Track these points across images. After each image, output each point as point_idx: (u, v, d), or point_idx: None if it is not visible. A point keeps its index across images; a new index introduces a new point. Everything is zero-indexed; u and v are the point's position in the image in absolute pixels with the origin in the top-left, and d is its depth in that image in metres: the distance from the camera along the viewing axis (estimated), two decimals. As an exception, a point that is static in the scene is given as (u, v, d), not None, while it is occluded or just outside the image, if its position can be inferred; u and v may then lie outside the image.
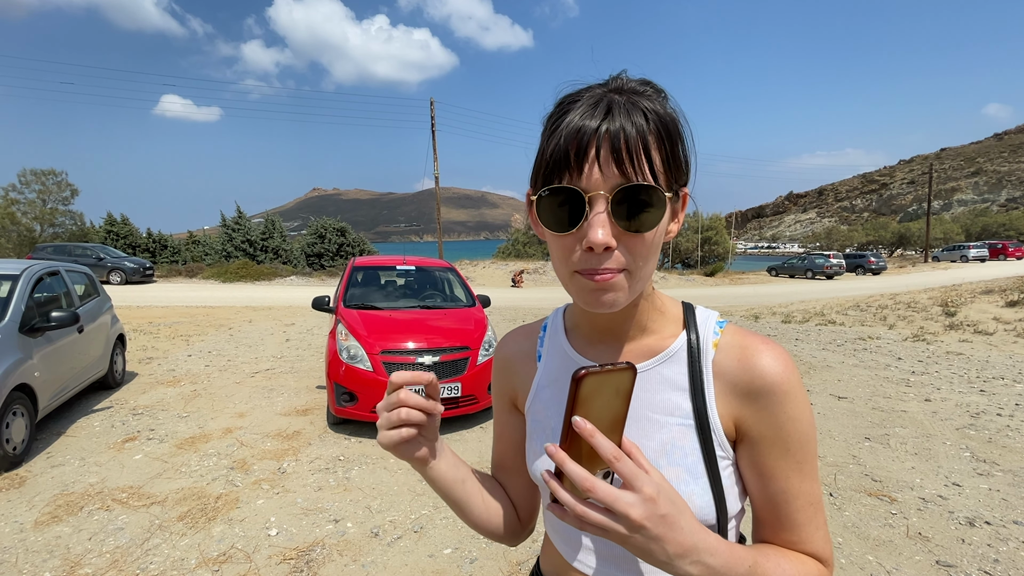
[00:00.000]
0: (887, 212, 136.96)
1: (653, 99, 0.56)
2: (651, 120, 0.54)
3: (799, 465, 0.60)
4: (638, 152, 0.53)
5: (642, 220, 0.54)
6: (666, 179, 0.56)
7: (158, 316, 10.92)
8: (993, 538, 2.75)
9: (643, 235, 0.54)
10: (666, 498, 0.49)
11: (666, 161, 0.55)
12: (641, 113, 0.54)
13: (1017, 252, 37.21)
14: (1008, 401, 5.03)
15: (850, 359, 7.01)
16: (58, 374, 4.24)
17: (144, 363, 6.72)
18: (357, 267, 5.67)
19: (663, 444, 0.62)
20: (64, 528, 2.83)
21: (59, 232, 26.58)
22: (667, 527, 0.48)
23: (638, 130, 0.53)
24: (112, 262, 18.21)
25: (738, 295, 17.77)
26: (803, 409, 0.60)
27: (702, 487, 0.60)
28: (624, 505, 0.47)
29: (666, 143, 0.55)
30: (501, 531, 0.78)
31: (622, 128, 0.52)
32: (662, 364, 0.65)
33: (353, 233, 27.23)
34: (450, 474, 0.70)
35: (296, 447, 4.00)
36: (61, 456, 3.79)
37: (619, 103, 0.54)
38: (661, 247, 0.60)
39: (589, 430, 0.47)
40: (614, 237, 0.53)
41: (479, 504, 0.75)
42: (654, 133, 0.54)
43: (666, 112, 0.56)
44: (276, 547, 2.68)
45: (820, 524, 0.61)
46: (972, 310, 10.17)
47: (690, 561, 0.50)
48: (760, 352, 0.61)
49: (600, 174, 0.53)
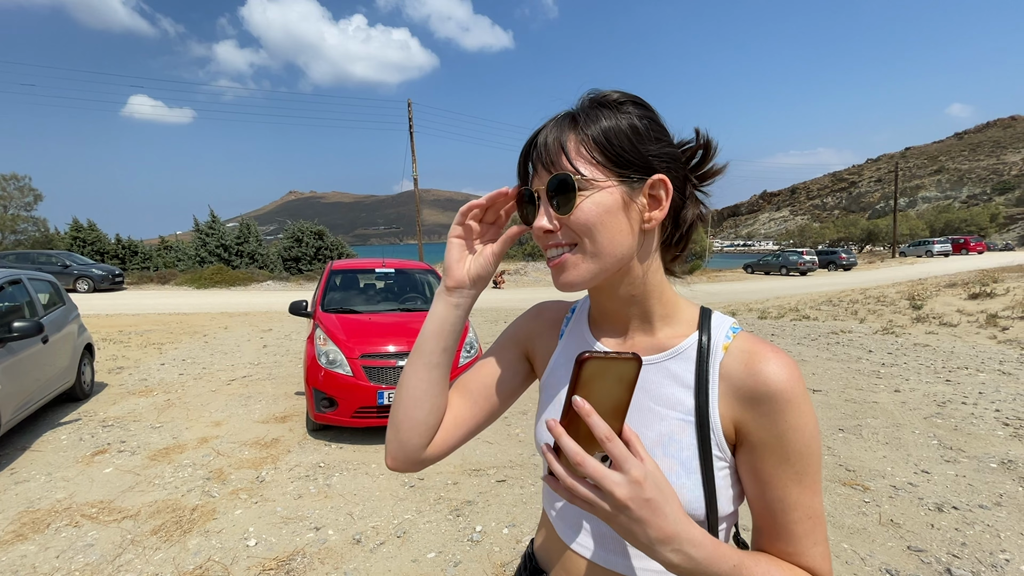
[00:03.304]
0: (856, 209, 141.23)
1: (604, 105, 0.64)
2: (580, 125, 0.63)
3: (798, 476, 0.60)
4: (556, 153, 0.62)
5: (566, 203, 0.62)
6: (602, 170, 0.62)
7: (129, 324, 10.59)
8: (960, 522, 2.85)
9: (571, 215, 0.62)
10: (653, 483, 0.50)
11: (599, 155, 0.62)
12: (570, 120, 0.64)
13: (978, 247, 38.77)
14: (972, 390, 5.23)
15: (824, 353, 7.20)
16: (22, 387, 4.07)
17: (114, 373, 6.51)
18: (335, 271, 5.59)
19: (661, 435, 0.64)
20: (30, 547, 2.72)
21: (22, 239, 25.56)
22: (650, 511, 0.50)
23: (555, 137, 0.63)
24: (79, 269, 17.58)
25: (715, 292, 18.08)
26: (806, 420, 0.60)
27: (694, 482, 0.62)
28: (610, 483, 0.49)
29: (594, 141, 0.62)
30: (416, 439, 0.72)
31: (546, 138, 0.64)
32: (671, 359, 0.67)
33: (331, 236, 26.86)
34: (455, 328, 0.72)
35: (275, 455, 3.92)
36: (26, 472, 3.64)
37: (558, 118, 0.65)
38: (639, 233, 0.64)
39: (587, 410, 0.49)
40: (557, 221, 0.63)
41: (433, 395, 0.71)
42: (579, 135, 0.62)
43: (607, 115, 0.63)
44: (255, 558, 2.62)
45: (819, 539, 0.61)
46: (937, 303, 10.56)
47: (671, 548, 0.51)
48: (767, 359, 0.62)
49: (537, 177, 0.66)
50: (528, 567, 0.80)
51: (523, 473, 3.61)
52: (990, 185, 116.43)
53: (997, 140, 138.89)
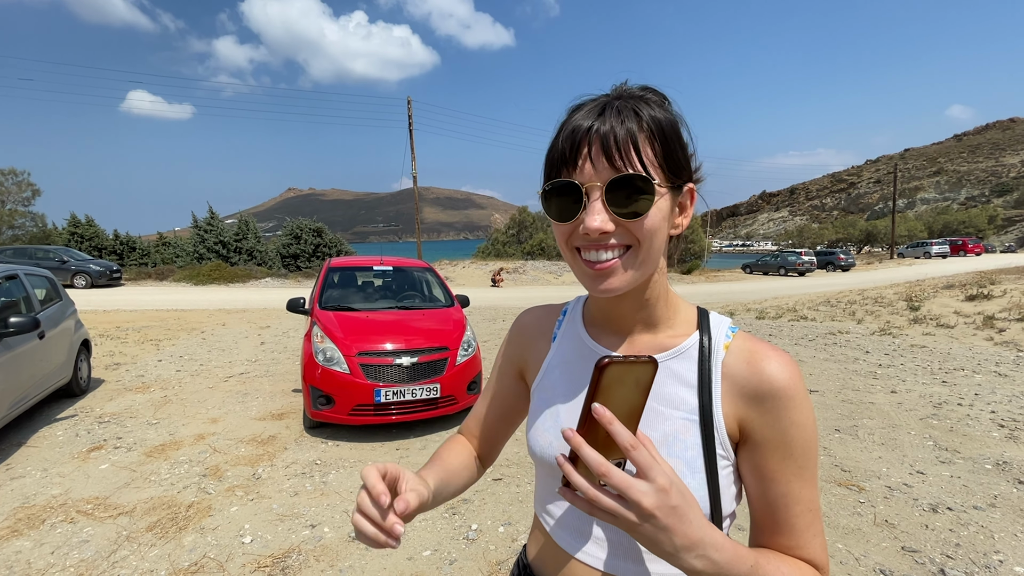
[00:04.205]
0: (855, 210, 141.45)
1: (651, 103, 0.61)
2: (644, 120, 0.59)
3: (800, 470, 0.61)
4: (626, 147, 0.57)
5: (637, 205, 0.58)
6: (662, 174, 0.60)
7: (126, 320, 10.56)
8: (955, 523, 2.86)
9: (638, 220, 0.58)
10: (677, 490, 0.50)
11: (662, 157, 0.60)
12: (632, 113, 0.59)
13: (976, 248, 38.85)
14: (968, 391, 5.24)
15: (821, 353, 7.21)
16: (17, 382, 4.07)
17: (111, 369, 6.50)
18: (333, 268, 5.59)
19: (665, 435, 0.64)
20: (24, 542, 2.72)
21: (19, 234, 25.49)
22: (677, 518, 0.49)
23: (627, 128, 0.58)
24: (76, 265, 17.53)
25: (714, 292, 18.10)
26: (807, 416, 0.61)
27: (699, 482, 0.62)
28: (637, 493, 0.48)
29: (659, 141, 0.59)
30: (466, 485, 0.84)
31: (612, 127, 0.58)
32: (673, 359, 0.67)
33: (330, 234, 26.81)
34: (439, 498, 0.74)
35: (271, 452, 3.92)
36: (22, 467, 3.64)
37: (614, 106, 0.60)
38: (668, 239, 0.65)
39: (608, 417, 0.48)
40: (611, 223, 0.58)
41: (458, 484, 0.81)
42: (646, 132, 0.59)
43: (662, 114, 0.61)
44: (250, 555, 2.62)
45: (818, 531, 0.62)
46: (935, 304, 10.58)
47: (696, 555, 0.50)
48: (769, 357, 0.63)
49: (592, 168, 0.58)
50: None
51: (519, 472, 3.61)
52: (989, 187, 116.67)
53: (996, 142, 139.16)
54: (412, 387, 4.13)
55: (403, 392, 4.10)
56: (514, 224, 33.29)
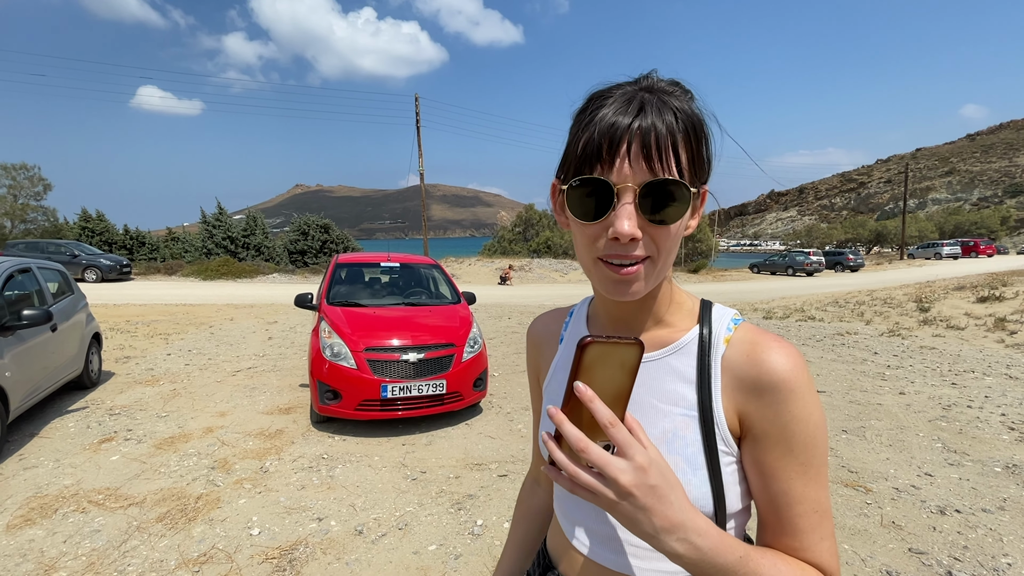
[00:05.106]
0: (865, 210, 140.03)
1: (681, 99, 0.59)
2: (680, 119, 0.56)
3: (803, 468, 0.59)
4: (667, 149, 0.55)
5: (667, 213, 0.56)
6: (690, 176, 0.58)
7: (136, 314, 10.68)
8: (963, 526, 2.84)
9: (667, 227, 0.57)
10: (657, 470, 0.49)
11: (691, 159, 0.58)
12: (671, 112, 0.56)
13: (988, 249, 38.34)
14: (978, 394, 5.19)
15: (829, 354, 7.16)
16: (30, 374, 4.13)
17: (121, 362, 6.57)
18: (340, 264, 5.61)
19: (665, 432, 0.63)
20: (38, 531, 2.77)
21: (31, 228, 25.79)
22: (655, 498, 0.48)
23: (668, 128, 0.55)
24: (87, 259, 17.72)
25: (721, 292, 18.01)
26: (811, 411, 0.58)
27: (700, 478, 0.60)
28: (615, 470, 0.47)
29: (692, 141, 0.58)
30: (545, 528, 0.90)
31: (653, 126, 0.55)
32: (672, 355, 0.66)
33: (337, 230, 26.93)
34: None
35: (279, 446, 3.95)
36: (34, 458, 3.70)
37: (651, 101, 0.56)
38: (680, 241, 0.63)
39: (589, 395, 0.48)
40: (640, 228, 0.56)
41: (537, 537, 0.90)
42: (682, 132, 0.56)
43: (693, 112, 0.59)
44: (258, 547, 2.65)
45: (826, 534, 0.59)
46: (945, 306, 10.47)
47: (676, 538, 0.49)
48: (770, 348, 0.61)
49: (630, 168, 0.55)
50: (540, 563, 0.80)
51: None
52: (1001, 187, 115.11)
53: (1010, 142, 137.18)
54: (418, 383, 4.15)
55: (409, 388, 4.12)
56: (521, 222, 33.26)
